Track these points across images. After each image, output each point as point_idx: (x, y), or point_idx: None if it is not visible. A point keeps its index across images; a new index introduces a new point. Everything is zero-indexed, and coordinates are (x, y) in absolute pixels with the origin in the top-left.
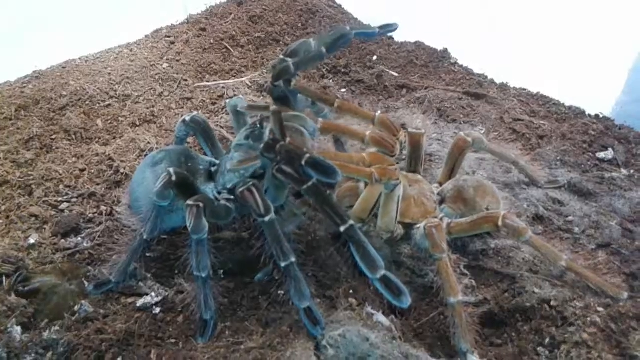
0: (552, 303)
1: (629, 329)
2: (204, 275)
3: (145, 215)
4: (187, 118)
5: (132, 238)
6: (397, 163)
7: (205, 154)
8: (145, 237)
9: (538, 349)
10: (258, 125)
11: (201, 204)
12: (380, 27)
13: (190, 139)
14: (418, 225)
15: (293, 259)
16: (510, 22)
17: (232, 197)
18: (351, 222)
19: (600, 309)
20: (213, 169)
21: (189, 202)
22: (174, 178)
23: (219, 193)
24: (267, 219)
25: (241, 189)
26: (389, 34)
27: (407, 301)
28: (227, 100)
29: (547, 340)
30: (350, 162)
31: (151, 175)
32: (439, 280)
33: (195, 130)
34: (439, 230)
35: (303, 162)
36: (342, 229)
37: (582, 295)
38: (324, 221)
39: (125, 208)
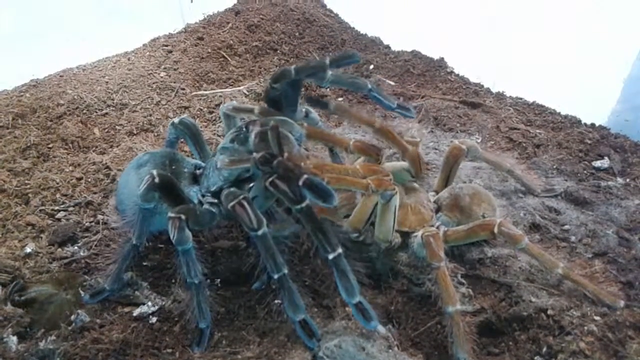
0: (549, 312)
1: (626, 337)
2: (196, 282)
3: (132, 220)
4: (176, 120)
5: (122, 244)
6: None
7: (195, 157)
8: (134, 242)
9: (535, 358)
10: (244, 129)
11: (183, 216)
12: (399, 106)
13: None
14: (415, 234)
15: (285, 271)
16: (507, 31)
17: (215, 200)
18: (339, 250)
19: (597, 318)
20: (198, 171)
21: (171, 214)
22: (157, 180)
23: (203, 196)
24: (259, 232)
25: (232, 204)
26: (386, 44)
27: (375, 325)
28: (221, 106)
29: (545, 349)
30: (346, 173)
31: (135, 177)
32: (437, 289)
33: (184, 132)
34: (437, 238)
35: (300, 183)
36: (330, 256)
37: (579, 304)
38: (313, 244)
39: (111, 210)
